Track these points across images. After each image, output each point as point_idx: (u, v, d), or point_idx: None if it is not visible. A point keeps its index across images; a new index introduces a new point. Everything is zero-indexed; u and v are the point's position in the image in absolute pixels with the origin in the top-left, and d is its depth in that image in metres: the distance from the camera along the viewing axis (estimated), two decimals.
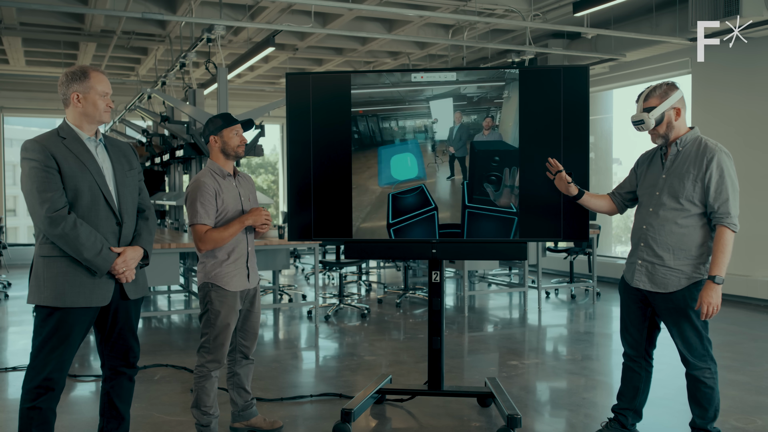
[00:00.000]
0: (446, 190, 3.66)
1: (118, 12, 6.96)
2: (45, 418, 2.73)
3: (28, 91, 12.72)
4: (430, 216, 3.68)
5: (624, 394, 3.35)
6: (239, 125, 3.44)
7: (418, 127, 3.67)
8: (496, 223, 3.64)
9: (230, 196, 3.38)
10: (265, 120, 7.71)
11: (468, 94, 3.60)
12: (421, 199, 3.68)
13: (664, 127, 3.10)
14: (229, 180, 3.42)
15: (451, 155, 3.65)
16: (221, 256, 3.34)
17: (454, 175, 3.66)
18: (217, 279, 3.33)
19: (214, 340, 3.32)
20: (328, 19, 8.37)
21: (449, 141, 3.65)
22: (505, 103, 3.56)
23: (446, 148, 3.65)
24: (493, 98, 3.60)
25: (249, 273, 3.43)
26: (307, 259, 11.41)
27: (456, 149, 3.64)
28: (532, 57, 8.80)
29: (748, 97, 7.87)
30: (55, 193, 2.65)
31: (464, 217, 3.66)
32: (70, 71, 2.78)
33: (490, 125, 3.59)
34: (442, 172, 3.68)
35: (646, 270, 3.16)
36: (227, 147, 3.40)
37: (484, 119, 3.59)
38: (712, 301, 2.95)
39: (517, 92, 3.58)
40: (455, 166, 3.65)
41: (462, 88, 3.60)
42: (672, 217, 3.08)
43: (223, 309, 3.32)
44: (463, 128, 3.63)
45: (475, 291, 8.51)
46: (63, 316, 2.70)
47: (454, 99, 3.63)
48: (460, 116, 3.62)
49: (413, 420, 3.89)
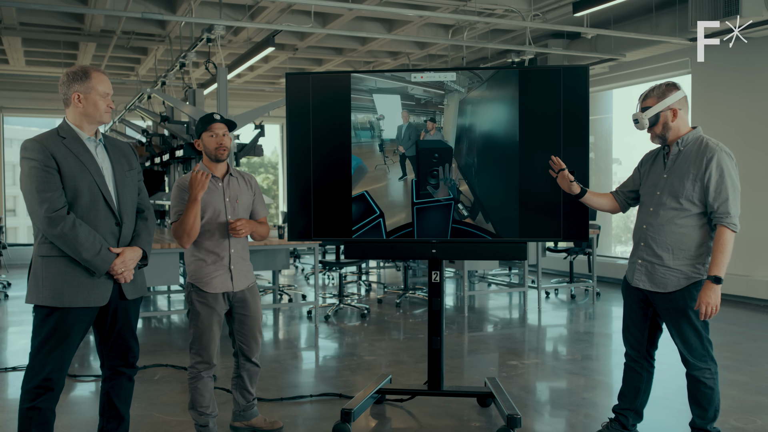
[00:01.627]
0: (399, 192, 3.68)
1: (118, 12, 6.96)
2: (44, 418, 2.72)
3: (28, 91, 12.71)
4: (376, 224, 3.71)
5: (625, 395, 3.34)
6: (215, 126, 3.38)
7: (362, 123, 3.67)
8: (438, 212, 3.67)
9: (211, 196, 3.38)
10: (265, 120, 7.70)
11: (416, 95, 3.64)
12: (363, 207, 3.70)
13: (660, 127, 3.10)
14: (215, 181, 3.41)
15: (402, 155, 3.67)
16: (201, 256, 3.36)
17: (407, 175, 3.68)
18: (196, 280, 3.35)
19: (199, 341, 3.33)
20: (328, 19, 8.37)
21: (398, 140, 3.67)
22: (445, 109, 3.65)
23: (396, 148, 3.67)
24: (437, 103, 3.65)
25: (232, 275, 3.41)
26: (307, 259, 11.41)
27: (406, 148, 3.67)
28: (532, 57, 8.80)
29: (748, 97, 7.87)
30: (54, 193, 2.65)
31: (413, 214, 3.69)
32: (71, 71, 2.78)
33: (433, 127, 3.65)
34: (393, 173, 3.69)
35: (645, 270, 3.16)
36: (207, 150, 3.41)
37: (428, 121, 3.65)
38: (711, 302, 2.94)
39: (455, 101, 3.63)
40: (407, 166, 3.68)
41: (409, 88, 3.63)
42: (671, 216, 3.08)
43: (203, 310, 3.33)
44: (411, 128, 3.66)
45: (475, 291, 8.51)
46: (62, 316, 2.69)
47: (402, 97, 3.64)
48: (408, 115, 3.65)
49: (413, 420, 3.89)
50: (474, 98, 3.63)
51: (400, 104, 3.64)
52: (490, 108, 3.62)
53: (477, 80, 3.63)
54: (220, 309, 3.38)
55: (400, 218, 3.70)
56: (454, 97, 3.64)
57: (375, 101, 3.65)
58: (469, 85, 3.63)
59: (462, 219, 3.67)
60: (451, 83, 3.62)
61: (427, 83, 3.64)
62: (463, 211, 3.66)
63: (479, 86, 3.63)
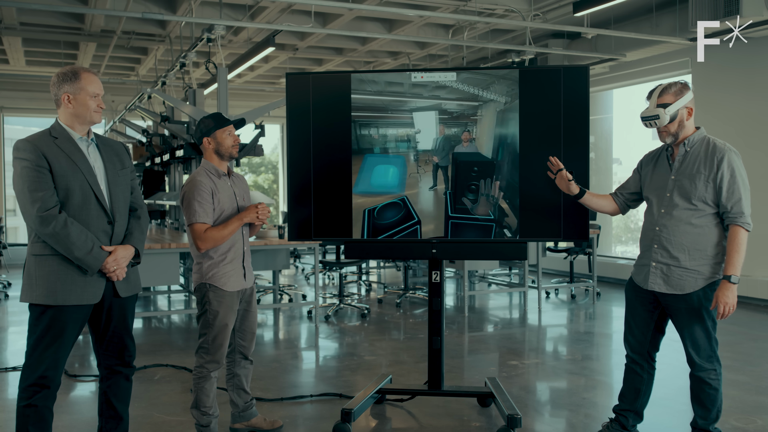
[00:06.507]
0: (429, 202, 3.70)
1: (118, 12, 6.96)
2: (41, 416, 2.73)
3: (28, 91, 12.72)
4: (413, 231, 3.70)
5: (625, 396, 3.34)
6: (231, 126, 3.43)
7: (401, 136, 3.72)
8: (477, 232, 3.66)
9: (226, 195, 3.38)
10: (265, 120, 7.69)
11: (449, 109, 3.68)
12: (403, 212, 3.70)
13: (676, 125, 3.08)
14: (224, 179, 3.41)
15: (435, 164, 3.70)
16: (217, 256, 3.33)
17: (437, 185, 3.69)
18: (214, 279, 3.32)
19: (212, 341, 3.31)
20: (328, 19, 8.37)
21: (433, 151, 3.70)
22: (479, 121, 3.66)
23: (429, 158, 3.70)
24: (470, 115, 3.67)
25: (245, 272, 3.43)
26: (307, 259, 11.42)
27: (440, 158, 3.69)
28: (532, 57, 8.80)
29: (748, 97, 7.86)
30: (46, 192, 2.66)
31: (447, 227, 3.68)
32: (61, 72, 2.79)
33: (468, 138, 3.67)
34: (425, 182, 3.71)
35: (661, 272, 3.12)
36: (221, 148, 3.39)
37: (463, 133, 3.66)
38: (728, 301, 2.93)
39: (493, 113, 3.63)
40: (438, 176, 3.69)
41: (443, 103, 3.68)
42: (686, 217, 3.07)
43: (222, 309, 3.32)
44: (446, 140, 3.69)
45: (475, 291, 8.51)
46: (56, 313, 2.71)
47: (438, 112, 3.69)
48: (443, 128, 3.68)
49: (413, 420, 3.89)
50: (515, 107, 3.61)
51: (435, 119, 3.69)
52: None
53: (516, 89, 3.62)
54: (235, 307, 3.38)
55: (429, 228, 3.69)
56: (491, 108, 3.64)
57: (414, 118, 3.70)
58: (508, 92, 3.61)
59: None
60: (486, 93, 3.63)
61: (460, 96, 3.65)
62: (506, 231, 3.63)
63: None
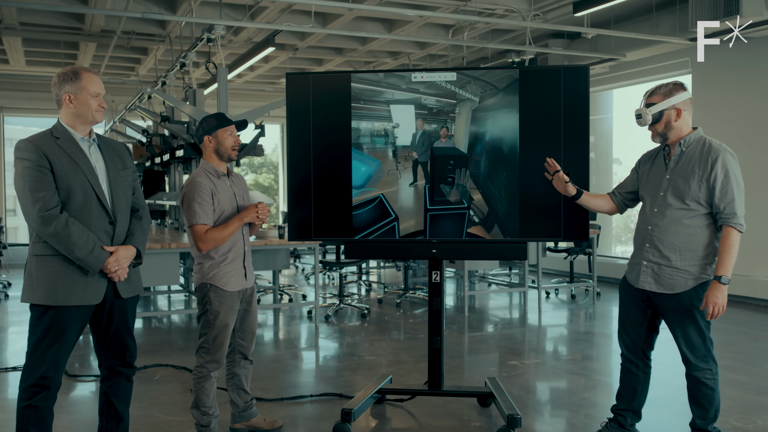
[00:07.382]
0: (409, 198, 3.71)
1: (118, 12, 6.96)
2: (42, 416, 2.73)
3: (28, 91, 12.72)
4: (391, 228, 3.71)
5: (622, 395, 3.34)
6: (233, 126, 3.43)
7: (377, 130, 3.71)
8: (452, 220, 3.69)
9: (225, 195, 3.38)
10: (265, 120, 7.69)
11: (428, 104, 3.69)
12: (379, 210, 3.71)
13: (662, 125, 3.10)
14: (223, 179, 3.41)
15: (414, 160, 3.70)
16: (219, 256, 3.33)
17: (417, 181, 3.70)
18: (215, 280, 3.32)
19: (213, 341, 3.31)
20: (328, 19, 8.37)
21: (412, 146, 3.70)
22: (457, 117, 3.68)
23: (409, 154, 3.70)
24: (448, 112, 3.69)
25: (246, 272, 3.43)
26: (307, 259, 11.42)
27: (419, 154, 3.70)
28: (532, 57, 8.80)
29: (748, 97, 7.86)
30: (47, 192, 2.66)
31: (426, 221, 3.70)
32: (62, 72, 2.79)
33: (446, 134, 3.69)
34: (404, 179, 3.70)
35: (652, 271, 3.14)
36: (221, 148, 3.38)
37: (441, 129, 3.69)
38: (718, 302, 2.93)
39: (467, 110, 3.66)
40: (418, 172, 3.69)
41: (423, 98, 3.69)
42: (678, 217, 3.07)
43: (222, 309, 3.32)
44: (425, 135, 3.69)
45: (475, 291, 8.51)
46: (57, 314, 2.70)
47: (416, 107, 3.69)
48: (422, 123, 3.69)
49: (413, 420, 3.89)
50: (487, 106, 3.65)
51: (413, 113, 3.70)
52: (503, 116, 3.64)
53: (491, 89, 3.66)
54: (236, 307, 3.39)
55: (410, 224, 3.72)
56: (466, 106, 3.67)
57: (392, 111, 3.70)
58: (481, 93, 3.65)
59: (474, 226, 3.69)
60: (463, 92, 3.65)
61: (439, 93, 3.67)
62: (474, 217, 3.67)
63: (494, 95, 3.64)
